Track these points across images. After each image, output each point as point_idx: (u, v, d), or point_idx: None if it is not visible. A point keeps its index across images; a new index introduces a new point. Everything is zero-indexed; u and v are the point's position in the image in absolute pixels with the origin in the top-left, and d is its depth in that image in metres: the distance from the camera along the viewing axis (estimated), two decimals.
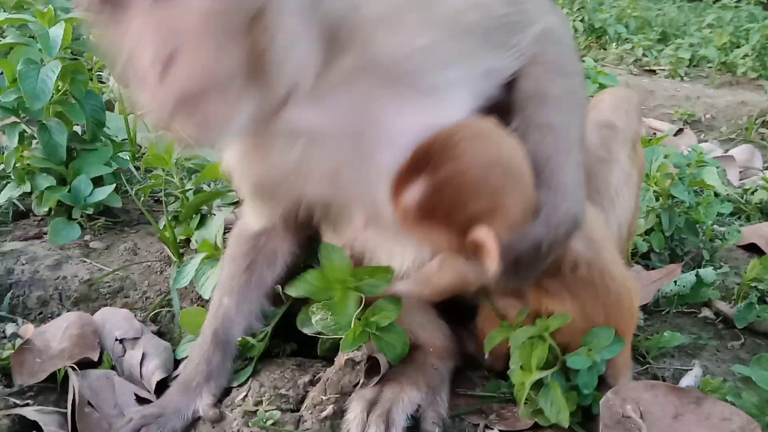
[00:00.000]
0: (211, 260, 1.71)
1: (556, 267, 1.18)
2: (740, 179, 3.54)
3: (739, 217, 2.68)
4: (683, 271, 2.11)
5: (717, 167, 2.79)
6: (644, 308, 1.91)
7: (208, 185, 2.20)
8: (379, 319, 1.40)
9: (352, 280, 1.36)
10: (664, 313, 1.89)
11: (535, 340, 1.28)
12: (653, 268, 2.07)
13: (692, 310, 1.90)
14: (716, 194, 2.72)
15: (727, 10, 8.49)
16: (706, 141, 4.09)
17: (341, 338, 1.36)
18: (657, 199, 2.10)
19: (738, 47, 6.47)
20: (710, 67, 6.39)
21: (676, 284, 1.84)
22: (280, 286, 1.50)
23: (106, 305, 1.81)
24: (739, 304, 1.78)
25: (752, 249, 2.31)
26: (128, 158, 2.44)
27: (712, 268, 1.88)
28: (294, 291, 1.40)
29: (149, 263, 1.96)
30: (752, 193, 2.75)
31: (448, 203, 1.05)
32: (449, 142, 1.06)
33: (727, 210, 2.12)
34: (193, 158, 2.06)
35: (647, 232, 2.12)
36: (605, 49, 7.02)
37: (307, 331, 1.49)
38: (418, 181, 1.05)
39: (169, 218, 1.94)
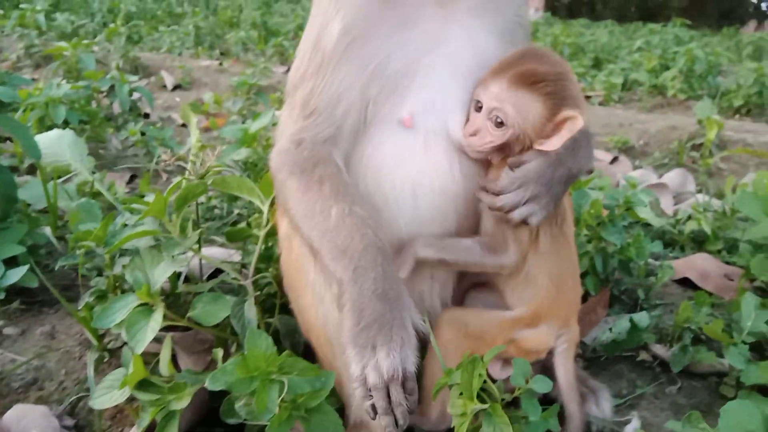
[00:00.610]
0: (146, 310, 1.55)
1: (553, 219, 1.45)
2: (675, 204, 3.63)
3: (673, 248, 2.72)
4: (619, 312, 2.12)
5: (650, 198, 2.88)
6: (582, 356, 1.90)
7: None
8: (307, 400, 1.33)
9: (277, 373, 1.30)
10: (602, 359, 1.88)
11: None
12: None
13: (630, 353, 1.90)
14: (648, 224, 2.78)
15: (655, 34, 8.85)
16: (640, 167, 4.19)
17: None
18: (589, 242, 2.10)
19: (667, 69, 6.73)
20: (642, 90, 6.62)
21: (611, 331, 1.83)
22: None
23: (18, 401, 1.68)
24: (674, 347, 1.78)
25: (687, 283, 2.33)
26: (49, 231, 2.32)
27: (645, 312, 1.88)
28: (214, 384, 1.31)
29: (67, 348, 1.84)
30: (684, 222, 2.79)
31: (551, 82, 1.32)
32: (534, 49, 1.40)
33: (658, 248, 2.13)
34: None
35: (582, 276, 2.12)
36: None
37: (231, 421, 1.41)
38: (516, 66, 1.33)
39: (92, 297, 1.83)
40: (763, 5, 29.53)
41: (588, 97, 6.41)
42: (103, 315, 1.57)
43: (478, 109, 1.37)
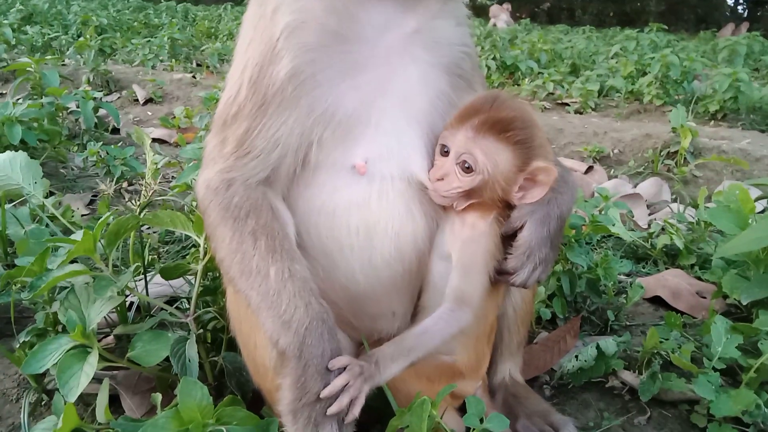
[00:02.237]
0: (80, 352, 1.45)
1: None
2: (650, 213, 3.58)
3: (646, 263, 2.65)
4: (589, 333, 2.05)
5: (623, 210, 2.81)
6: (549, 384, 1.82)
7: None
8: None
9: (214, 424, 1.21)
10: (569, 387, 1.80)
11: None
12: None
13: (599, 379, 1.82)
14: (620, 238, 2.71)
15: (631, 40, 8.85)
16: (615, 176, 4.15)
17: None
18: (557, 263, 2.03)
19: (644, 74, 6.71)
20: (619, 97, 6.60)
21: (577, 359, 1.75)
22: None
23: None
24: (643, 375, 1.70)
25: (659, 301, 2.27)
26: None
27: (612, 338, 1.80)
28: None
29: (4, 390, 1.74)
30: (657, 236, 2.73)
31: (519, 130, 1.28)
32: (501, 95, 1.33)
33: (627, 268, 2.06)
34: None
35: (550, 298, 2.05)
36: (519, 85, 7.16)
37: None
38: (483, 113, 1.28)
39: (29, 336, 1.73)
40: (740, 8, 29.91)
41: (565, 105, 6.38)
42: (33, 359, 1.47)
43: (445, 153, 1.33)
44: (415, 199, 1.36)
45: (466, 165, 1.29)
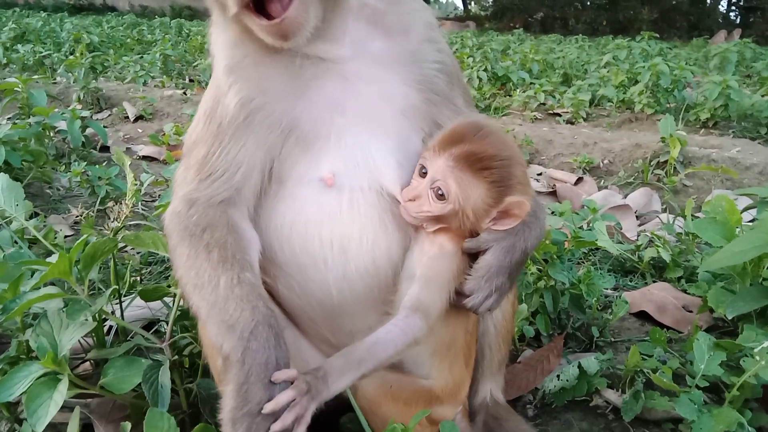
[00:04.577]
0: (51, 379, 1.41)
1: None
2: (640, 224, 3.56)
3: (633, 276, 2.63)
4: (574, 351, 2.02)
5: (611, 222, 2.79)
6: (532, 404, 1.80)
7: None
8: None
9: None
10: (553, 406, 1.77)
11: None
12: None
13: (583, 398, 1.79)
14: (608, 252, 2.69)
15: (623, 49, 8.87)
16: (605, 187, 4.14)
17: None
18: (539, 280, 2.01)
19: (636, 83, 6.71)
20: (611, 106, 6.60)
21: (559, 378, 1.72)
22: None
23: None
24: (626, 395, 1.68)
25: (644, 315, 2.24)
26: None
27: (595, 357, 1.77)
28: None
29: None
30: (644, 249, 2.70)
31: (496, 169, 1.27)
32: (485, 126, 1.31)
33: (610, 284, 2.04)
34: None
35: (533, 315, 2.02)
36: (510, 96, 7.16)
37: None
38: (464, 143, 1.27)
39: (1, 365, 1.70)
40: (732, 15, 30.08)
41: (557, 115, 6.38)
42: (2, 387, 1.44)
43: (423, 174, 1.33)
44: (388, 211, 1.36)
45: (440, 192, 1.28)
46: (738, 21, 27.73)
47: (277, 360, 1.14)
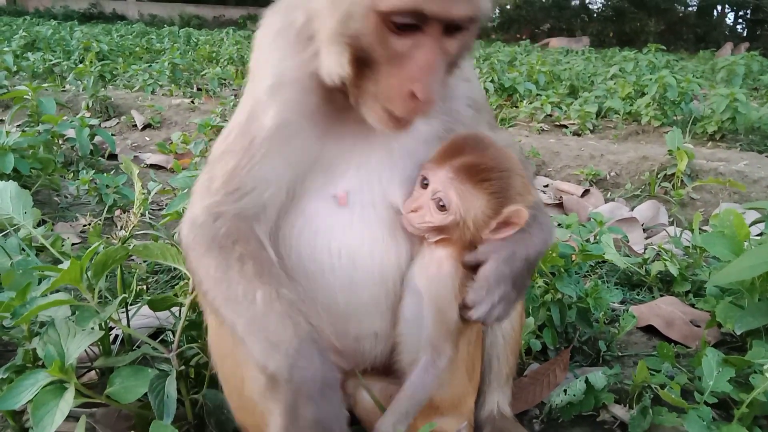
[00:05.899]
0: (57, 388, 1.41)
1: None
2: (647, 237, 3.54)
3: (641, 290, 2.62)
4: (581, 365, 2.01)
5: (618, 235, 2.78)
6: (538, 416, 1.78)
7: None
8: None
9: None
10: (559, 421, 1.76)
11: None
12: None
13: (590, 413, 1.78)
14: (615, 265, 2.68)
15: (629, 61, 8.88)
16: (612, 199, 4.13)
17: None
18: (546, 293, 2.00)
19: (642, 95, 6.71)
20: (617, 118, 6.59)
21: (566, 393, 1.71)
22: None
23: None
24: (633, 410, 1.66)
25: (652, 330, 2.23)
26: None
27: (602, 371, 1.76)
28: None
29: None
30: (651, 262, 2.69)
31: (495, 181, 1.28)
32: (485, 139, 1.34)
33: (617, 298, 2.03)
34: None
35: (540, 328, 2.01)
36: (517, 107, 7.17)
37: None
38: (464, 155, 1.29)
39: (7, 373, 1.70)
40: (739, 27, 30.08)
41: (563, 126, 6.38)
42: (8, 395, 1.43)
43: (424, 185, 1.34)
44: (398, 224, 1.37)
45: (441, 203, 1.30)
46: (745, 34, 27.71)
47: (325, 376, 1.14)
